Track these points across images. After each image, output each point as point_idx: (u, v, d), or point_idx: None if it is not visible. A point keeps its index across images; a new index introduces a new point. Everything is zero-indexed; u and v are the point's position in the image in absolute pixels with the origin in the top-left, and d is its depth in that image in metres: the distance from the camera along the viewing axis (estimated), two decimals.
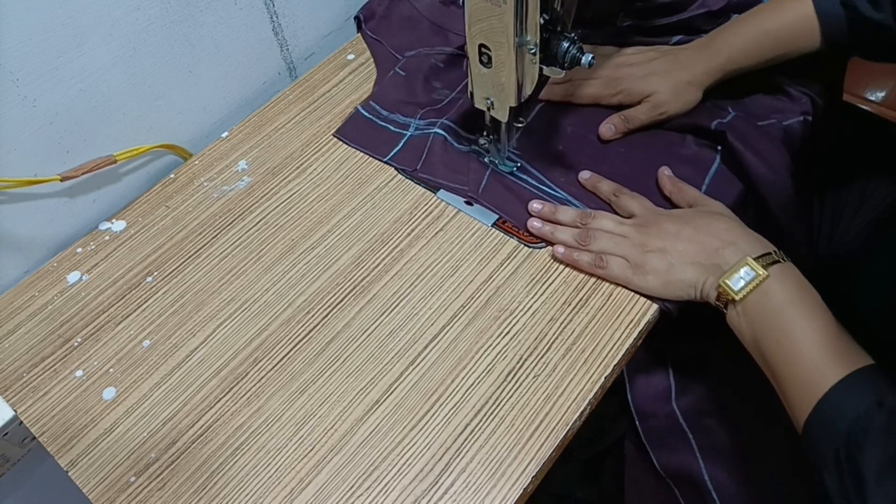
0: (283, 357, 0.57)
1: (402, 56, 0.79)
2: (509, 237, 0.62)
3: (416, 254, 0.62)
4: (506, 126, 0.62)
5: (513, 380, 0.54)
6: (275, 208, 0.68)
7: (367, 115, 0.73)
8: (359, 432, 0.52)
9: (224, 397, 0.56)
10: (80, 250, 0.67)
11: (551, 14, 0.52)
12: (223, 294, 0.62)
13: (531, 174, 0.66)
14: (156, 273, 0.64)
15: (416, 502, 0.49)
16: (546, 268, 0.60)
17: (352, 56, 0.81)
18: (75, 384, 0.58)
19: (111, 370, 0.58)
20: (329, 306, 0.60)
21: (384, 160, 0.70)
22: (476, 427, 0.52)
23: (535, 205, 0.63)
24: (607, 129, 0.67)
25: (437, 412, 0.53)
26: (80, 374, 0.58)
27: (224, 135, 0.75)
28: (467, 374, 0.54)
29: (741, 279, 0.51)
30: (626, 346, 0.54)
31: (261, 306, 0.61)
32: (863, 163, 0.72)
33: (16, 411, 0.57)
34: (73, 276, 0.65)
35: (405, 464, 0.51)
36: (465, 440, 0.51)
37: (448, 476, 0.50)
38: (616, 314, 0.56)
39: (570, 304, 0.57)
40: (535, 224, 0.62)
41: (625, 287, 0.58)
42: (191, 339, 0.59)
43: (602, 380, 0.53)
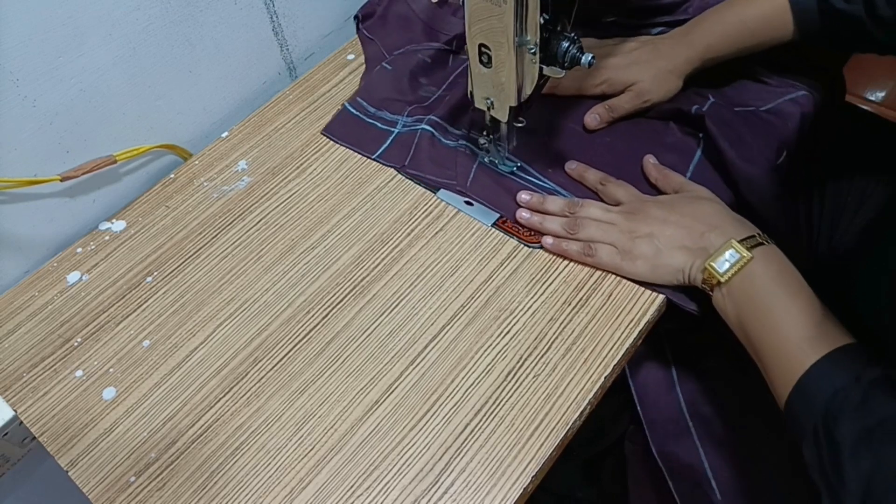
0: (283, 357, 0.57)
1: (392, 55, 0.79)
2: (509, 237, 0.62)
3: (416, 254, 0.62)
4: (506, 126, 0.62)
5: (513, 380, 0.54)
6: (275, 208, 0.68)
7: (355, 112, 0.74)
8: (359, 432, 0.52)
9: (224, 397, 0.56)
10: (80, 250, 0.67)
11: (551, 14, 0.52)
12: (223, 294, 0.62)
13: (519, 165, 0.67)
14: (156, 273, 0.64)
15: (415, 502, 0.49)
16: (546, 268, 0.60)
17: (352, 56, 0.81)
18: (75, 384, 0.58)
19: (111, 370, 0.58)
20: (329, 306, 0.60)
21: (372, 157, 0.70)
22: (476, 427, 0.52)
23: (524, 195, 0.63)
24: (592, 118, 0.68)
25: (437, 412, 0.53)
26: (80, 374, 0.58)
27: (224, 135, 0.75)
28: (467, 374, 0.54)
29: (726, 261, 0.52)
30: (626, 346, 0.54)
31: (261, 306, 0.61)
32: (863, 163, 0.72)
33: (16, 411, 0.57)
34: (73, 276, 0.65)
35: (405, 464, 0.51)
36: (465, 440, 0.51)
37: (448, 476, 0.50)
38: (616, 314, 0.56)
39: (570, 304, 0.57)
40: (523, 214, 0.62)
41: (614, 274, 0.58)
42: (191, 339, 0.59)
43: (602, 380, 0.53)
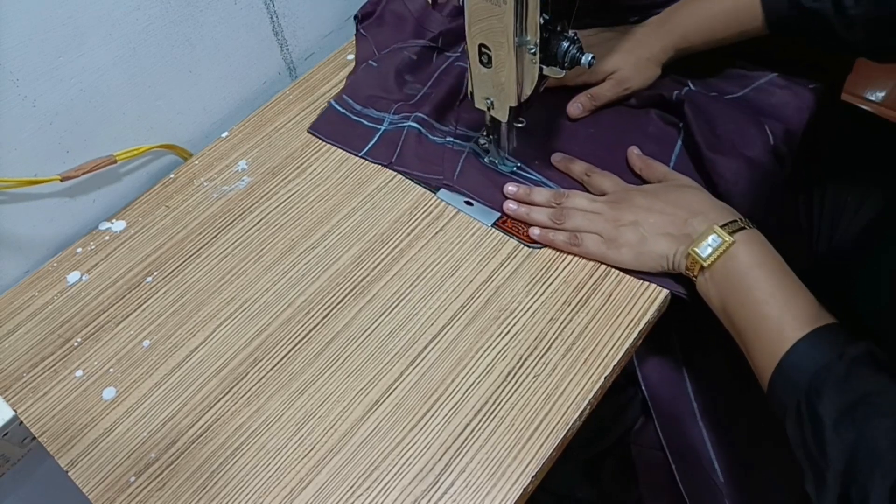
0: (283, 357, 0.57)
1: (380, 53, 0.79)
2: (509, 237, 0.62)
3: (416, 254, 0.62)
4: (506, 126, 0.62)
5: (513, 380, 0.54)
6: (275, 208, 0.68)
7: (341, 110, 0.74)
8: (359, 432, 0.52)
9: (224, 397, 0.56)
10: (80, 250, 0.67)
11: (551, 14, 0.52)
12: (223, 294, 0.62)
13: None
14: (156, 273, 0.64)
15: (415, 502, 0.49)
16: (546, 268, 0.60)
17: (352, 56, 0.81)
18: (75, 384, 0.58)
19: (111, 370, 0.58)
20: (329, 306, 0.60)
21: (359, 155, 0.71)
22: (476, 427, 0.52)
23: (510, 187, 0.64)
24: (575, 108, 0.69)
25: (437, 412, 0.53)
26: (80, 374, 0.58)
27: (224, 135, 0.75)
28: (467, 374, 0.54)
29: (709, 246, 0.52)
30: (626, 346, 0.54)
31: (261, 306, 0.61)
32: (863, 163, 0.72)
33: (16, 411, 0.57)
34: (73, 276, 0.65)
35: (405, 464, 0.51)
36: (465, 440, 0.51)
37: (448, 476, 0.50)
38: (616, 314, 0.56)
39: (570, 304, 0.57)
40: (510, 206, 0.63)
41: (600, 262, 0.59)
42: (191, 339, 0.59)
43: (602, 380, 0.53)
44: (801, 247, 0.71)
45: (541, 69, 0.55)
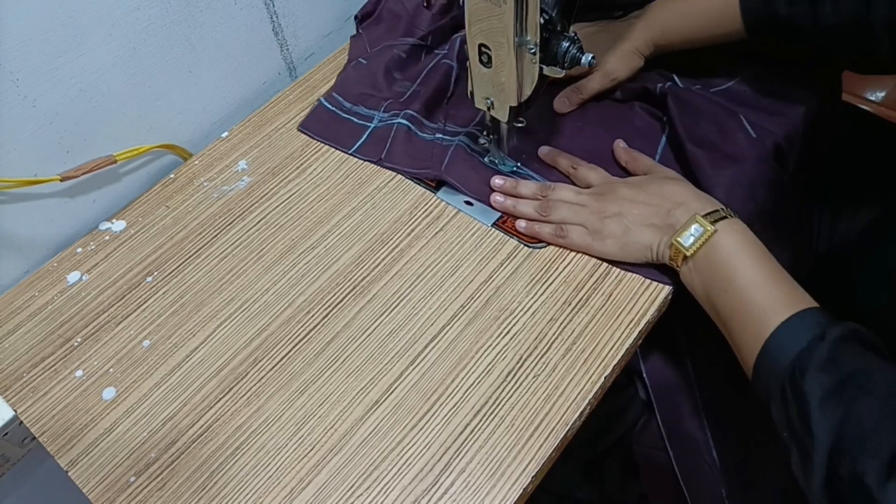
0: (283, 357, 0.57)
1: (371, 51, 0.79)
2: (509, 237, 0.62)
3: (416, 254, 0.62)
4: (506, 126, 0.62)
5: (513, 380, 0.54)
6: (275, 208, 0.68)
7: (330, 108, 0.74)
8: (359, 432, 0.52)
9: (224, 397, 0.56)
10: (80, 250, 0.67)
11: (551, 14, 0.52)
12: (223, 294, 0.62)
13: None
14: (156, 273, 0.64)
15: (415, 502, 0.49)
16: (546, 268, 0.60)
17: None
18: (75, 384, 0.58)
19: (111, 370, 0.58)
20: (329, 306, 0.60)
21: (349, 152, 0.71)
22: (476, 427, 0.52)
23: (497, 180, 0.65)
24: (561, 103, 0.70)
25: (436, 412, 0.53)
26: (80, 374, 0.58)
27: (224, 135, 0.75)
28: (467, 374, 0.54)
29: (691, 235, 0.53)
30: (626, 346, 0.54)
31: (261, 306, 0.61)
32: (863, 163, 0.72)
33: (16, 411, 0.57)
34: (73, 276, 0.65)
35: (405, 464, 0.51)
36: (465, 440, 0.51)
37: (448, 476, 0.50)
38: (616, 314, 0.56)
39: (570, 304, 0.57)
40: (497, 198, 0.64)
41: (586, 254, 0.60)
42: (191, 339, 0.59)
43: (602, 380, 0.53)
44: (801, 247, 0.71)
45: (541, 69, 0.55)
